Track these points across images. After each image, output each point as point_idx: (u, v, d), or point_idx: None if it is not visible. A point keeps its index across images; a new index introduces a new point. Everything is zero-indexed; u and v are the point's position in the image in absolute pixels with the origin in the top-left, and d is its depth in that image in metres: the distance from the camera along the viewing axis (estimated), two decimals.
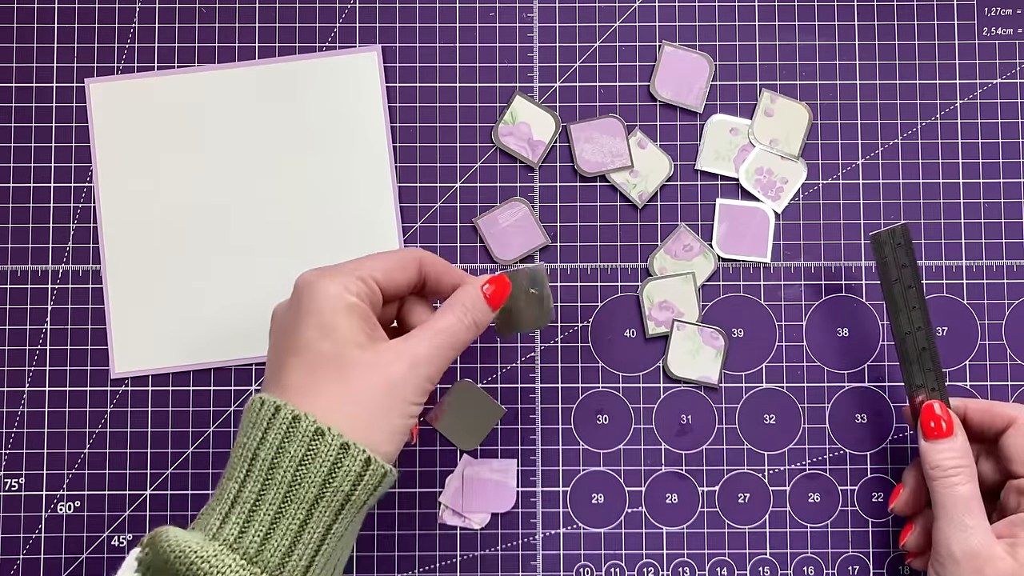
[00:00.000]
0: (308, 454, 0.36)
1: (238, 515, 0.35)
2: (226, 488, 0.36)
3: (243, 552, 0.35)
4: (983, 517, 0.43)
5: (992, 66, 0.52)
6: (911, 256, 0.46)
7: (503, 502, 0.50)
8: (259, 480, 0.36)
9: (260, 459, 0.36)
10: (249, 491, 0.36)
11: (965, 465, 0.44)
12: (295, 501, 0.36)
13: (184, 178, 0.51)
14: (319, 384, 0.37)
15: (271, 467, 0.36)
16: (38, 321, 0.51)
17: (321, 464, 0.36)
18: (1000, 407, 0.45)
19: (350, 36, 0.52)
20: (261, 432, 0.36)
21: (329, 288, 0.38)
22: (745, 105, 0.52)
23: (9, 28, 0.52)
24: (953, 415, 0.45)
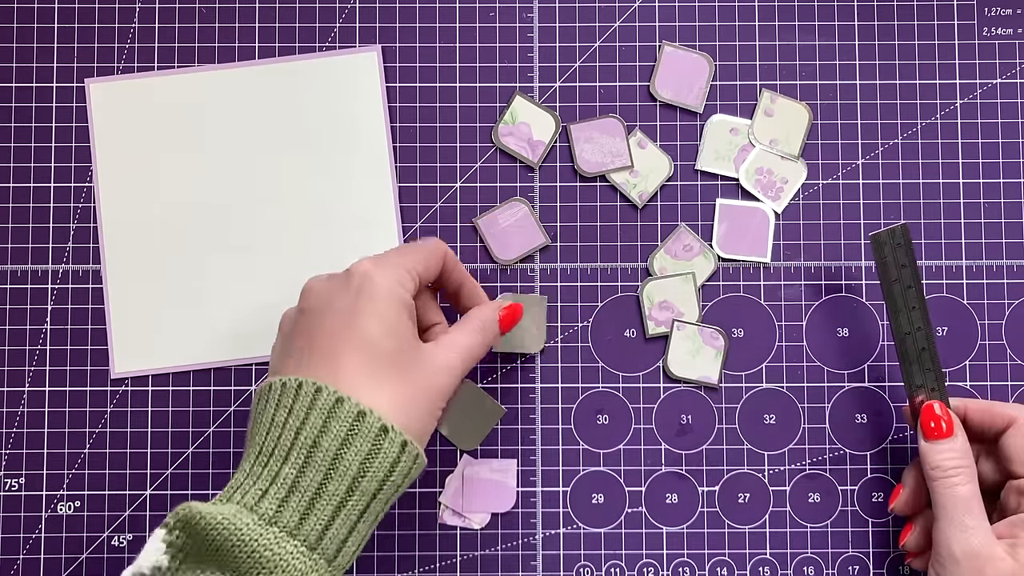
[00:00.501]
0: (373, 450, 0.37)
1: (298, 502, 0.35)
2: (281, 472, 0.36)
3: (304, 539, 0.35)
4: (983, 517, 0.43)
5: (992, 66, 0.52)
6: (911, 256, 0.46)
7: (503, 502, 0.50)
8: (321, 470, 0.36)
9: (323, 448, 0.36)
10: (311, 480, 0.36)
11: (965, 465, 0.44)
12: (357, 494, 0.36)
13: (184, 178, 0.51)
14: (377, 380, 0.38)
15: (335, 458, 0.36)
16: (38, 321, 0.51)
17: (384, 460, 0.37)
18: (1000, 407, 0.45)
19: (350, 36, 0.52)
20: (322, 421, 0.36)
21: (389, 284, 0.39)
22: (745, 105, 0.52)
23: (9, 28, 0.52)
24: (953, 415, 0.45)
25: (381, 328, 0.38)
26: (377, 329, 0.38)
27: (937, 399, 0.46)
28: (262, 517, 0.35)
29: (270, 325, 0.51)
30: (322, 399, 0.37)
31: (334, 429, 0.36)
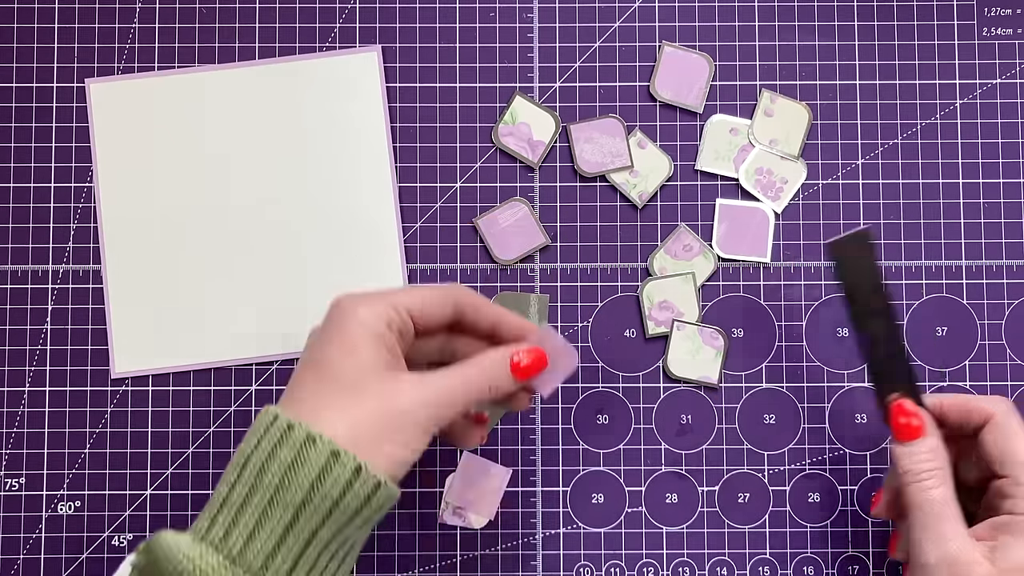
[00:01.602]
0: (297, 459, 0.36)
1: (225, 516, 0.36)
2: (219, 491, 0.37)
3: (227, 553, 0.35)
4: (959, 521, 0.40)
5: (992, 66, 0.52)
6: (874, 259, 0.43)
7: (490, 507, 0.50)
8: (247, 483, 0.36)
9: (251, 463, 0.36)
10: (238, 494, 0.36)
11: (938, 467, 0.41)
12: (280, 505, 0.35)
13: (184, 178, 0.51)
14: (328, 400, 0.37)
15: (260, 471, 0.36)
16: (38, 321, 0.51)
17: (310, 469, 0.35)
18: (976, 402, 0.43)
19: (350, 36, 0.52)
20: (257, 438, 0.36)
21: (361, 313, 0.38)
22: (745, 105, 0.52)
23: (9, 28, 0.52)
24: (925, 414, 0.43)
25: (339, 352, 0.38)
26: (335, 353, 0.38)
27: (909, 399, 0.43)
28: (196, 534, 0.36)
29: (270, 325, 0.51)
30: (263, 419, 0.37)
31: (263, 444, 0.36)
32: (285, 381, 0.50)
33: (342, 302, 0.39)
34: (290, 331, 0.51)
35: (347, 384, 0.37)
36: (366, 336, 0.38)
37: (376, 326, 0.38)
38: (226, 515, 0.36)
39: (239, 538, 0.35)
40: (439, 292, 0.41)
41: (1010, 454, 0.41)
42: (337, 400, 0.37)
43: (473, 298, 0.42)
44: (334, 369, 0.37)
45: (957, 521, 0.40)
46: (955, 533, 0.40)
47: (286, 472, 0.36)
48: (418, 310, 0.40)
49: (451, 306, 0.41)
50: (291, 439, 0.36)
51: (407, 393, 0.38)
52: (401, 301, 0.39)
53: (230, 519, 0.36)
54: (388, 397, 0.37)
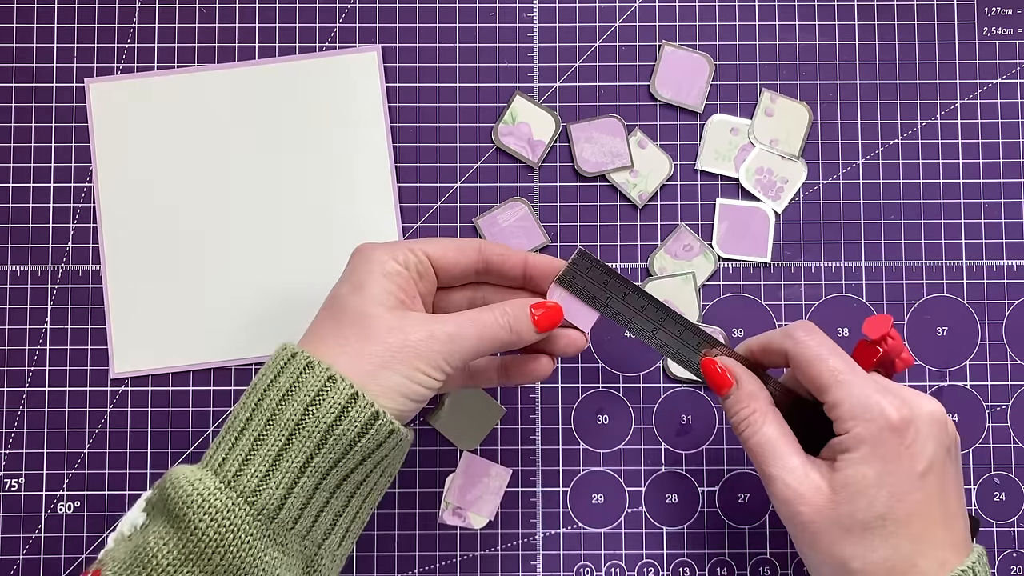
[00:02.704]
0: (317, 399, 0.36)
1: (240, 450, 0.36)
2: (230, 424, 0.37)
3: (223, 477, 0.35)
4: (792, 453, 0.40)
5: (992, 66, 0.52)
6: (605, 269, 0.43)
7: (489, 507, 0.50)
8: (263, 417, 0.36)
9: (268, 398, 0.37)
10: (253, 428, 0.36)
11: (757, 410, 0.41)
12: (297, 441, 0.36)
13: (184, 178, 0.51)
14: (335, 332, 0.38)
15: (277, 407, 0.36)
16: (38, 321, 0.51)
17: (328, 409, 0.36)
18: (771, 341, 0.42)
19: (350, 36, 0.52)
20: (273, 374, 0.37)
21: (375, 254, 0.40)
22: (745, 105, 0.52)
23: (9, 28, 0.52)
24: (733, 363, 0.43)
25: (349, 288, 0.39)
26: (345, 288, 0.39)
27: None
28: (208, 467, 0.36)
29: (270, 324, 0.51)
30: (281, 356, 0.38)
31: (281, 380, 0.37)
32: None
33: (361, 247, 0.41)
34: (290, 331, 0.51)
35: (353, 318, 0.38)
36: (375, 273, 0.39)
37: (387, 264, 0.39)
38: (225, 440, 0.36)
39: (234, 462, 0.36)
40: (458, 240, 0.42)
41: (813, 383, 0.40)
42: (342, 331, 0.38)
43: (496, 246, 0.43)
44: (342, 304, 0.39)
45: (791, 454, 0.40)
46: (784, 470, 0.39)
47: (283, 397, 0.36)
48: (438, 254, 0.41)
49: (474, 252, 0.42)
50: (292, 366, 0.37)
51: (413, 328, 0.38)
52: (419, 245, 0.41)
53: (228, 444, 0.36)
54: (392, 330, 0.38)
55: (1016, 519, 0.51)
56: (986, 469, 0.51)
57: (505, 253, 0.43)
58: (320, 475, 0.36)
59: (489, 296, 0.44)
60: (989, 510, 0.51)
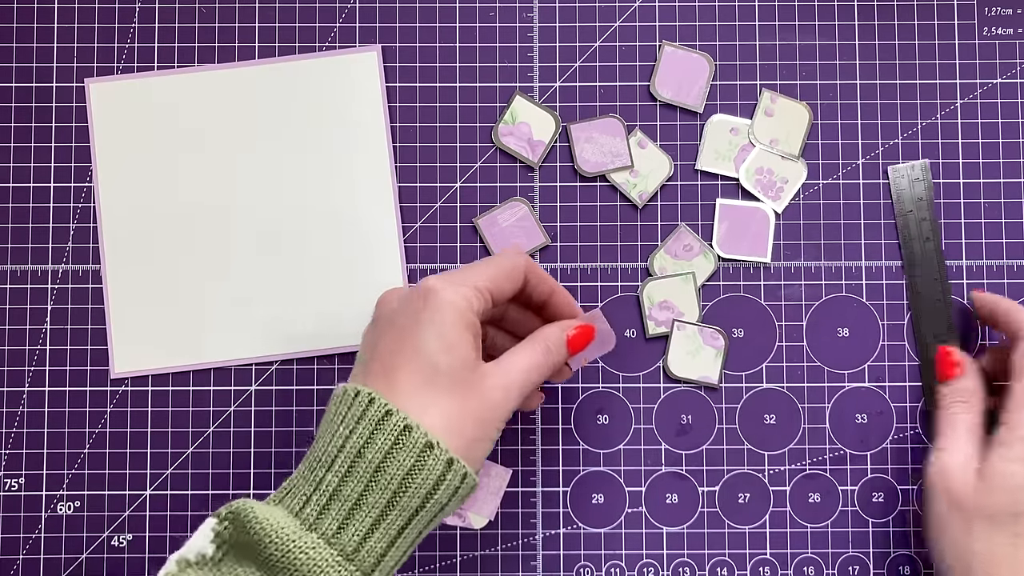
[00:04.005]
0: (416, 465, 0.36)
1: (338, 511, 0.36)
2: (324, 479, 0.36)
3: (340, 549, 0.35)
4: (968, 441, 0.45)
5: (992, 66, 0.52)
6: (929, 192, 0.47)
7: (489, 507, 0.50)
8: (363, 480, 0.36)
9: (366, 459, 0.36)
10: (352, 489, 0.36)
11: (966, 401, 0.46)
12: (398, 508, 0.36)
13: (184, 178, 0.51)
14: (429, 397, 0.38)
15: (377, 470, 0.36)
16: (38, 321, 0.51)
17: (427, 477, 0.36)
18: (1018, 314, 0.47)
19: (350, 36, 0.52)
20: (369, 431, 0.37)
21: (455, 300, 0.39)
22: (745, 105, 0.52)
23: (9, 28, 0.52)
24: (966, 358, 0.48)
25: (439, 344, 0.38)
26: (435, 345, 0.38)
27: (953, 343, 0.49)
28: (303, 522, 0.36)
29: (269, 325, 0.51)
30: (372, 410, 0.37)
31: (379, 441, 0.36)
32: (285, 381, 0.51)
33: (435, 286, 0.39)
34: (290, 331, 0.51)
35: (447, 381, 0.38)
36: (461, 326, 0.39)
37: (467, 315, 0.39)
38: (339, 509, 0.36)
39: (354, 536, 0.36)
40: (512, 267, 0.42)
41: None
42: (438, 397, 0.38)
43: (538, 270, 0.44)
44: (435, 364, 0.38)
45: (967, 441, 0.45)
46: (957, 447, 0.45)
47: (405, 476, 0.36)
48: (496, 287, 0.41)
49: (521, 279, 0.42)
50: (409, 441, 0.36)
51: (496, 389, 0.39)
52: (483, 283, 0.40)
53: (343, 514, 0.36)
54: (479, 391, 0.38)
55: None
56: None
57: (541, 280, 0.44)
58: (415, 536, 0.38)
59: (512, 314, 0.46)
60: None
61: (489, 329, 0.46)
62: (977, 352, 0.50)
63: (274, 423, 0.51)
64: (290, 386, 0.51)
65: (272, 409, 0.51)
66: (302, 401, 0.51)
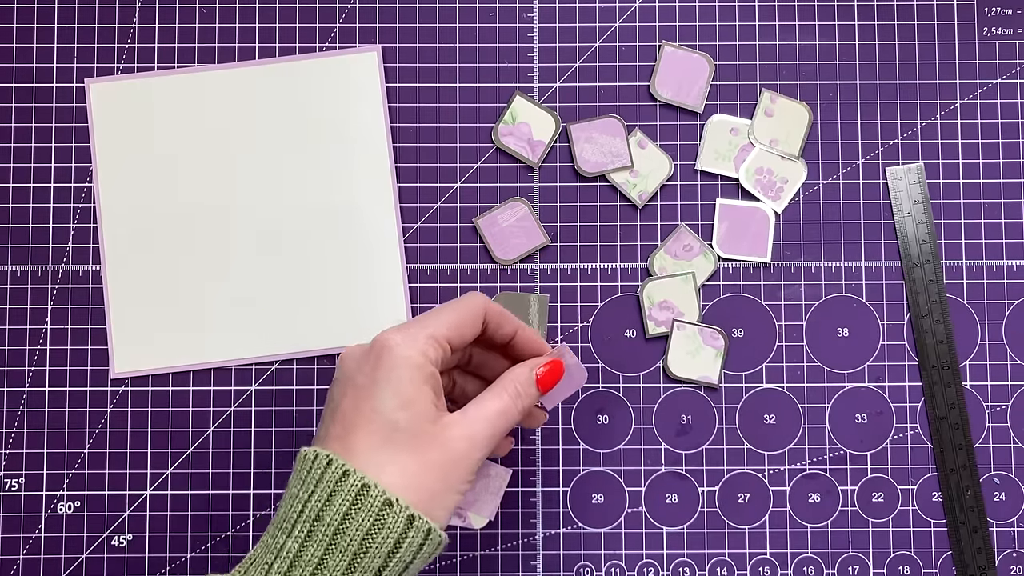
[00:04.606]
0: (376, 524, 0.36)
1: (279, 562, 0.36)
2: (284, 545, 0.36)
3: None
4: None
5: (992, 66, 0.52)
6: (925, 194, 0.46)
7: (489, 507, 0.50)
8: (323, 544, 0.36)
9: (325, 522, 0.36)
10: (312, 554, 0.36)
11: None
12: (359, 569, 0.36)
13: (184, 178, 0.51)
14: (388, 454, 0.37)
15: (336, 532, 0.36)
16: (38, 321, 0.51)
17: (388, 535, 0.36)
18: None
19: (350, 36, 0.52)
20: (327, 494, 0.36)
21: (411, 355, 0.38)
22: (745, 105, 0.52)
23: (9, 28, 0.52)
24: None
25: (395, 401, 0.37)
26: (391, 403, 0.37)
27: None
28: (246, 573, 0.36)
29: (270, 325, 0.51)
30: (330, 471, 0.36)
31: (337, 502, 0.36)
32: (285, 381, 0.51)
33: (389, 343, 0.38)
34: (290, 331, 0.51)
35: (405, 437, 0.37)
36: (419, 382, 0.38)
37: (424, 368, 0.38)
38: (280, 561, 0.36)
39: None
40: (470, 311, 0.41)
41: None
42: (396, 454, 0.37)
43: (497, 311, 0.42)
44: (391, 421, 0.37)
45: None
46: None
47: (365, 537, 0.36)
48: (456, 334, 0.40)
49: (481, 323, 0.41)
50: (367, 501, 0.36)
51: (459, 440, 0.38)
52: (441, 332, 0.39)
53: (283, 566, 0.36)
54: (442, 447, 0.38)
55: (1016, 519, 0.51)
56: (986, 469, 0.51)
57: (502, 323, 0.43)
58: None
59: (478, 357, 0.45)
60: (989, 510, 0.51)
61: (456, 375, 0.45)
62: None
63: (274, 423, 0.51)
64: (290, 386, 0.51)
65: (272, 409, 0.51)
66: (302, 401, 0.51)
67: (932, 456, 0.51)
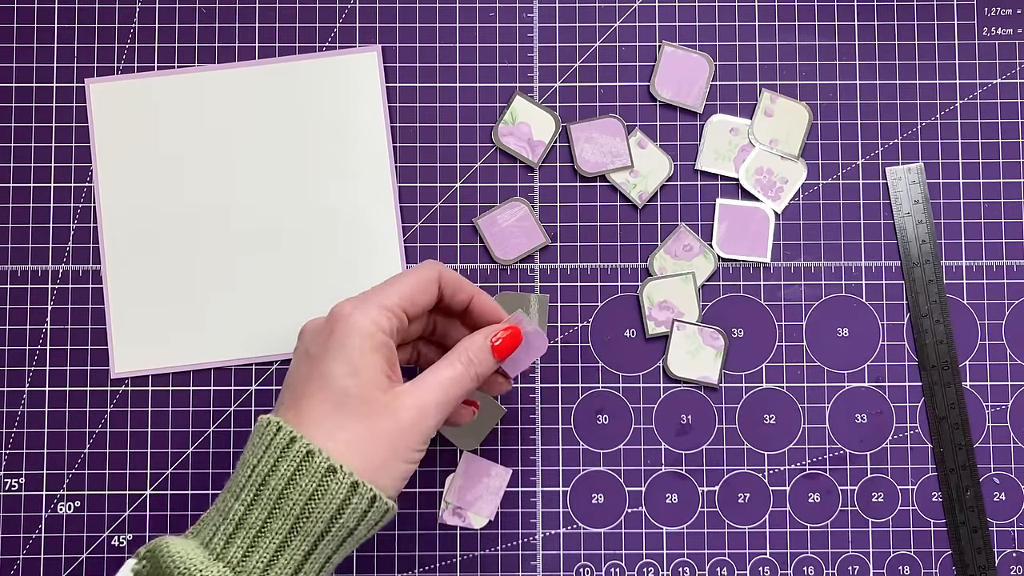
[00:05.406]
0: (319, 490, 0.36)
1: (243, 539, 0.36)
2: (231, 508, 0.37)
3: (227, 562, 0.36)
4: None
5: (992, 66, 0.52)
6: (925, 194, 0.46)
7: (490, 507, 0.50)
8: (267, 507, 0.36)
9: (270, 487, 0.36)
10: (256, 517, 0.36)
11: None
12: (301, 534, 0.36)
13: (184, 178, 0.51)
14: (337, 421, 0.38)
15: (280, 497, 0.36)
16: (38, 321, 0.51)
17: (330, 501, 0.36)
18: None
19: (350, 36, 0.52)
20: (273, 459, 0.37)
21: (363, 324, 0.39)
22: (745, 105, 0.52)
23: (9, 28, 0.52)
24: None
25: (345, 369, 0.38)
26: (340, 370, 0.38)
27: None
28: (211, 552, 0.36)
29: (270, 325, 0.51)
30: (278, 438, 0.37)
31: (282, 468, 0.36)
32: None
33: (342, 313, 0.39)
34: (290, 331, 0.51)
35: (354, 405, 0.38)
36: (368, 351, 0.38)
37: (377, 337, 0.39)
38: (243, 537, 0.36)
39: (258, 563, 0.36)
40: (423, 279, 0.41)
41: None
42: (344, 421, 0.37)
43: (453, 278, 0.43)
44: (341, 388, 0.38)
45: None
46: None
47: (307, 502, 0.36)
48: (409, 303, 0.41)
49: (435, 290, 0.42)
50: (311, 467, 0.36)
51: (409, 409, 0.38)
52: (394, 301, 0.40)
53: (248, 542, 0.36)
54: (391, 415, 0.38)
55: (1016, 519, 0.51)
56: (986, 469, 0.51)
57: (458, 289, 0.43)
58: (324, 561, 0.37)
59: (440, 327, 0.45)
60: (989, 510, 0.51)
61: (421, 345, 0.46)
62: None
63: None
64: None
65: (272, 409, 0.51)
66: None
67: (932, 456, 0.51)
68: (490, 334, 0.42)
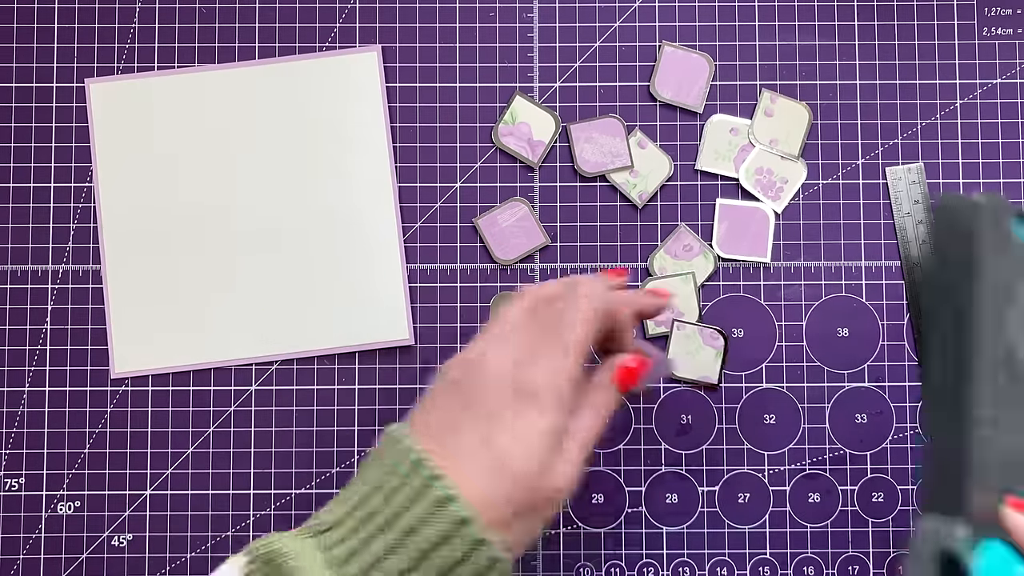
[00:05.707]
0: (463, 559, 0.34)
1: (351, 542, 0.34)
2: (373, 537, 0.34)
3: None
4: None
5: (992, 66, 0.52)
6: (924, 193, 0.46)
7: None
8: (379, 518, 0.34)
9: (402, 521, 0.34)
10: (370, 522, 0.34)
11: None
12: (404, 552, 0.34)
13: (184, 178, 0.51)
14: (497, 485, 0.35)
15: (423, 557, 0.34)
16: (38, 321, 0.51)
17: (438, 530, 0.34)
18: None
19: (350, 36, 0.52)
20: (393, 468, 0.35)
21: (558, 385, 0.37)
22: (745, 105, 0.52)
23: (9, 28, 0.52)
24: None
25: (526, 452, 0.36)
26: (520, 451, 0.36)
27: None
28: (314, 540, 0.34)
29: (270, 325, 0.51)
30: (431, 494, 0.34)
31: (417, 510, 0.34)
32: (285, 381, 0.51)
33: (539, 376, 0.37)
34: (290, 331, 0.51)
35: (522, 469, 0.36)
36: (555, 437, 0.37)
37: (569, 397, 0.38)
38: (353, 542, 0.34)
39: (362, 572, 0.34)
40: (602, 316, 0.39)
41: None
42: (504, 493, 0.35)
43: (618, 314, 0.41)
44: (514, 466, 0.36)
45: None
46: None
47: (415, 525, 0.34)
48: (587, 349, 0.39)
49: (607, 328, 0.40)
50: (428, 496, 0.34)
51: (563, 476, 0.37)
52: (583, 351, 0.38)
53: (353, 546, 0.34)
54: (550, 479, 0.36)
55: None
56: None
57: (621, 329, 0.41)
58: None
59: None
60: None
61: None
62: None
63: (274, 423, 0.51)
64: (290, 386, 0.51)
65: (272, 409, 0.51)
66: (302, 401, 0.51)
67: None
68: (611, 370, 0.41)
